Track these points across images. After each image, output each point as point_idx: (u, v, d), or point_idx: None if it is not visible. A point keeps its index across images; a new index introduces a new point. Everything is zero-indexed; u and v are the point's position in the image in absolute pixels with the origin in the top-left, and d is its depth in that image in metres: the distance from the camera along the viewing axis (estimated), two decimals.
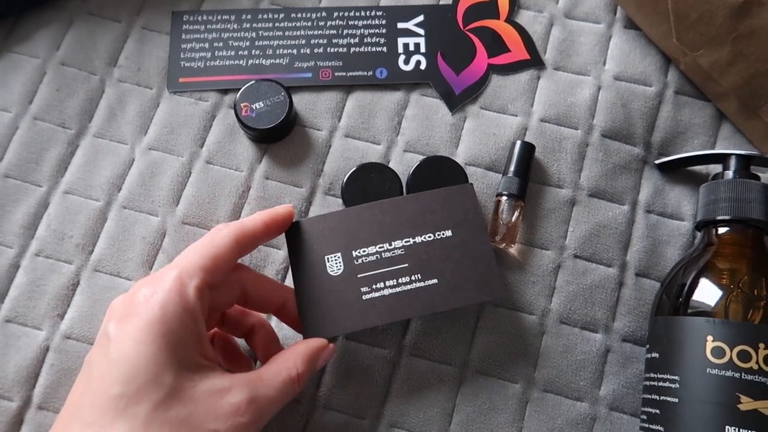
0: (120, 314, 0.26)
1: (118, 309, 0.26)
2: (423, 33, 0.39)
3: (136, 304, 0.25)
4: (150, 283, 0.26)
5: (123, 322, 0.25)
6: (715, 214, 0.32)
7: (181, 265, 0.27)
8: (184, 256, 0.27)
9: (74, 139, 0.37)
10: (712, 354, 0.28)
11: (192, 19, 0.39)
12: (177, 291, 0.25)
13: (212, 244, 0.28)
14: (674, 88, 0.38)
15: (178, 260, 0.27)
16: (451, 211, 0.33)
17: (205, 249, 0.27)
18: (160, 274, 0.27)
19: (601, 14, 0.39)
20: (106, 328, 0.26)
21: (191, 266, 0.27)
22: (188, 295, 0.26)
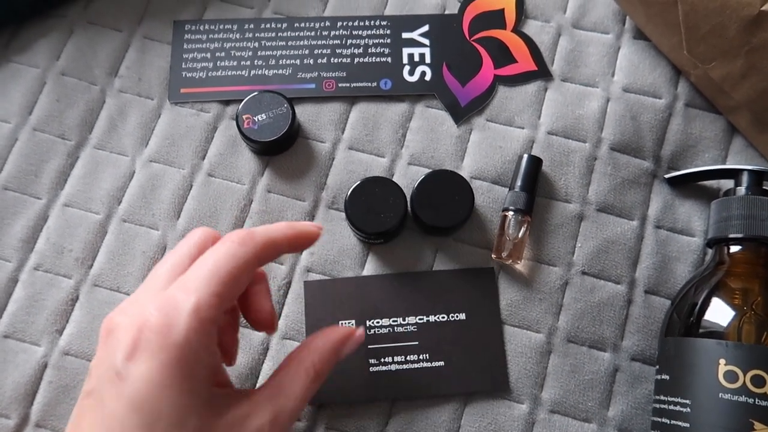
0: (130, 347, 0.23)
1: (125, 339, 0.23)
2: (428, 43, 0.38)
3: (148, 338, 0.22)
4: (162, 310, 0.23)
5: (137, 360, 0.22)
6: (727, 231, 0.31)
7: (199, 292, 0.23)
8: (198, 275, 0.24)
9: (74, 151, 0.36)
10: (724, 378, 0.27)
11: (194, 28, 0.39)
12: (196, 328, 0.23)
13: (232, 260, 0.24)
14: (684, 101, 0.37)
15: (193, 280, 0.24)
16: (469, 292, 0.34)
17: (223, 267, 0.24)
18: (172, 297, 0.23)
19: (609, 24, 0.39)
20: (114, 362, 0.23)
21: (209, 294, 0.23)
22: (207, 331, 0.23)
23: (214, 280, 0.24)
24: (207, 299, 0.23)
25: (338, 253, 0.35)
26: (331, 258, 0.35)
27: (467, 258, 0.35)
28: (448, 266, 0.35)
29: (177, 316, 0.23)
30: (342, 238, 0.35)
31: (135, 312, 0.24)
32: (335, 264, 0.35)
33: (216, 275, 0.24)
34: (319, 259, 0.35)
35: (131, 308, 0.25)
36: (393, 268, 0.35)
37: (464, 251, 0.35)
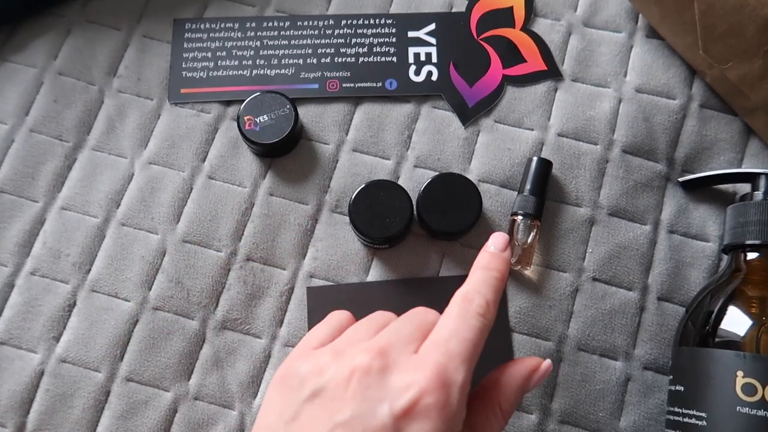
0: (408, 407, 0.23)
1: (404, 397, 0.23)
2: (435, 42, 0.37)
3: (428, 403, 0.23)
4: (440, 379, 0.23)
5: (414, 421, 0.23)
6: (743, 238, 0.30)
7: (465, 364, 0.24)
8: (459, 345, 0.24)
9: (72, 153, 0.36)
10: (742, 391, 0.26)
11: (194, 27, 0.38)
12: (461, 401, 0.24)
13: (480, 334, 0.25)
14: (699, 102, 0.36)
15: (455, 349, 0.24)
16: None
17: (476, 341, 0.25)
18: (444, 367, 0.23)
19: (622, 23, 0.38)
20: (384, 414, 0.22)
21: (469, 368, 0.24)
22: (464, 404, 0.24)
23: (472, 353, 0.24)
24: (469, 375, 0.24)
25: (342, 258, 0.34)
26: (334, 263, 0.34)
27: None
28: (455, 272, 0.34)
29: (452, 387, 0.23)
30: (346, 243, 0.34)
31: (410, 367, 0.24)
32: (339, 269, 0.34)
33: (473, 348, 0.24)
34: (322, 264, 0.34)
35: (396, 358, 0.24)
36: (398, 273, 0.34)
37: (472, 256, 0.34)
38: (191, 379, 0.32)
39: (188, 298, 0.33)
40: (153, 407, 0.32)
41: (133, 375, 0.32)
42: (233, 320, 0.33)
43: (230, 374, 0.32)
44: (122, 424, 0.31)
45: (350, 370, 0.24)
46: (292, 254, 0.34)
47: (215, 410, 0.32)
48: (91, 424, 0.31)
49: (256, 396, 0.32)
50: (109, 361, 0.32)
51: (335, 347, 0.25)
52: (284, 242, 0.34)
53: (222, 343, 0.33)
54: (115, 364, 0.32)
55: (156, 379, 0.32)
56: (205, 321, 0.33)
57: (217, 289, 0.33)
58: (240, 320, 0.33)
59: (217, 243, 0.34)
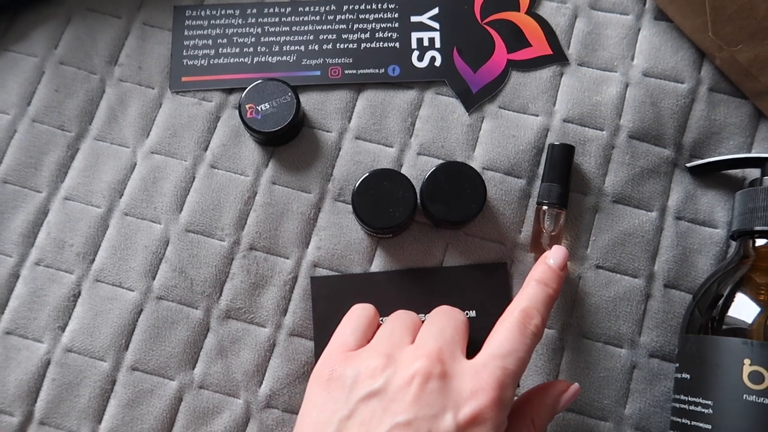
0: (473, 415, 0.24)
1: (469, 405, 0.24)
2: (438, 27, 0.37)
3: (490, 412, 0.24)
4: (499, 389, 0.25)
5: (476, 429, 0.24)
6: (752, 224, 0.30)
7: (515, 376, 0.26)
8: (513, 357, 0.26)
9: (74, 143, 0.35)
10: (749, 379, 0.26)
11: (194, 14, 0.37)
12: (508, 410, 0.25)
13: (528, 350, 0.26)
14: (708, 85, 0.35)
15: (510, 358, 0.25)
16: (481, 289, 0.32)
17: (526, 357, 0.26)
18: (501, 378, 0.25)
19: (629, 5, 0.37)
20: (447, 420, 0.24)
21: (516, 380, 0.26)
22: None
23: (521, 372, 0.26)
24: (515, 390, 0.26)
25: (345, 248, 0.34)
26: (338, 252, 0.34)
27: (479, 252, 0.33)
28: (459, 261, 0.33)
29: (505, 407, 0.25)
30: (350, 232, 0.34)
31: (469, 376, 0.25)
32: (342, 259, 0.34)
33: (523, 368, 0.26)
34: (326, 254, 0.34)
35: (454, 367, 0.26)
36: (402, 262, 0.33)
37: (476, 245, 0.34)
38: (196, 368, 0.32)
39: (192, 288, 0.33)
40: (158, 396, 0.32)
41: (138, 364, 0.32)
42: (237, 309, 0.33)
43: (235, 363, 0.32)
44: (128, 412, 0.32)
45: (411, 374, 0.25)
46: (295, 243, 0.34)
47: (220, 399, 0.32)
48: (98, 413, 0.32)
49: (261, 384, 0.32)
50: (114, 350, 0.32)
51: (380, 350, 0.26)
52: (287, 231, 0.34)
53: (226, 332, 0.33)
54: (121, 354, 0.32)
55: (161, 368, 0.32)
56: (209, 310, 0.33)
57: (221, 279, 0.33)
58: (244, 309, 0.33)
59: (220, 232, 0.34)
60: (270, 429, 0.32)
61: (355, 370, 0.26)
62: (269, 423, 0.32)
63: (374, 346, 0.27)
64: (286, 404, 0.32)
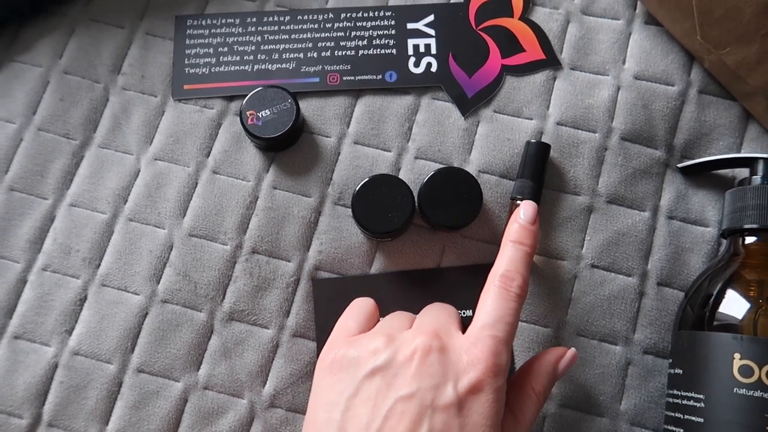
0: (474, 384, 0.25)
1: (470, 374, 0.25)
2: (434, 33, 0.38)
3: (489, 378, 0.25)
4: (494, 357, 0.26)
5: (479, 395, 0.25)
6: (742, 222, 0.31)
7: (508, 344, 0.27)
8: (503, 322, 0.27)
9: (79, 150, 0.36)
10: (739, 372, 0.27)
11: (196, 23, 0.38)
12: (506, 376, 0.26)
13: (516, 314, 0.27)
14: (698, 87, 0.36)
15: (499, 326, 0.26)
16: (477, 289, 0.33)
17: (514, 322, 0.27)
18: (494, 346, 0.26)
19: (620, 10, 0.38)
20: (450, 390, 0.25)
21: (510, 346, 0.27)
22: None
23: (512, 337, 0.27)
24: (510, 355, 0.27)
25: (346, 251, 0.34)
26: (338, 255, 0.34)
27: (475, 254, 0.34)
28: (456, 262, 0.34)
29: (501, 373, 0.26)
30: (350, 236, 0.35)
31: (466, 348, 0.26)
32: (343, 261, 0.34)
33: (513, 332, 0.27)
34: (326, 256, 0.34)
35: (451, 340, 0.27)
36: (401, 264, 0.34)
37: (472, 247, 0.34)
38: (200, 369, 0.33)
39: (196, 291, 0.34)
40: (164, 397, 0.33)
41: (144, 366, 0.33)
42: (240, 311, 0.34)
43: (239, 364, 0.33)
44: (135, 413, 0.32)
45: (412, 349, 0.26)
46: (296, 246, 0.34)
47: (225, 399, 0.33)
48: (105, 415, 0.32)
49: (265, 385, 0.33)
50: (120, 353, 0.33)
51: (381, 332, 0.27)
52: (289, 235, 0.35)
53: (230, 334, 0.33)
54: (127, 356, 0.33)
55: (166, 369, 0.33)
56: (213, 313, 0.34)
57: (224, 282, 0.34)
58: (247, 311, 0.34)
59: (222, 236, 0.35)
60: (274, 428, 0.32)
61: (357, 351, 0.27)
62: (273, 422, 0.32)
63: (375, 330, 0.28)
64: (289, 403, 0.33)
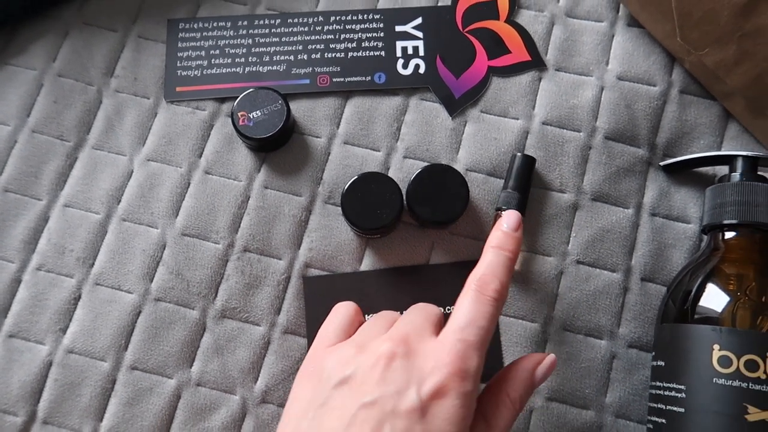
0: (437, 388, 0.25)
1: (432, 378, 0.25)
2: (421, 36, 0.38)
3: (454, 383, 0.25)
4: (461, 361, 0.25)
5: (442, 401, 0.25)
6: (721, 218, 0.31)
7: (481, 349, 0.26)
8: (474, 327, 0.26)
9: (73, 152, 0.37)
10: (718, 363, 0.28)
11: (188, 26, 0.39)
12: (477, 381, 0.26)
13: (492, 320, 0.27)
14: (679, 88, 0.37)
15: (470, 330, 0.26)
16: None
17: (490, 327, 0.26)
18: (463, 350, 0.25)
19: (603, 12, 0.39)
20: (412, 395, 0.25)
21: (483, 352, 0.26)
22: (478, 384, 0.26)
23: (486, 341, 0.26)
24: (483, 362, 0.26)
25: (336, 248, 0.35)
26: (329, 252, 0.35)
27: (463, 250, 0.35)
28: (445, 259, 0.35)
29: (468, 377, 0.25)
30: (339, 233, 0.35)
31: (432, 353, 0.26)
32: (333, 258, 0.35)
33: (487, 336, 0.26)
34: (317, 254, 0.35)
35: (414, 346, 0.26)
36: (390, 261, 0.35)
37: (460, 244, 0.35)
38: (193, 366, 0.34)
39: (188, 289, 0.34)
40: (157, 394, 0.33)
41: (138, 363, 0.33)
42: (232, 309, 0.34)
43: (231, 361, 0.34)
44: (128, 410, 0.33)
45: (376, 357, 0.26)
46: (287, 245, 0.35)
47: (217, 395, 0.33)
48: (99, 411, 0.33)
49: (256, 381, 0.33)
50: (114, 350, 0.34)
51: (355, 341, 0.28)
52: (279, 233, 0.35)
53: (222, 331, 0.34)
54: (120, 354, 0.34)
55: (159, 367, 0.33)
56: (205, 310, 0.34)
57: (216, 280, 0.35)
58: (239, 309, 0.34)
59: (214, 235, 0.35)
60: (266, 423, 0.33)
61: (331, 361, 0.27)
62: (265, 418, 0.33)
63: (351, 340, 0.28)
64: (281, 399, 0.33)
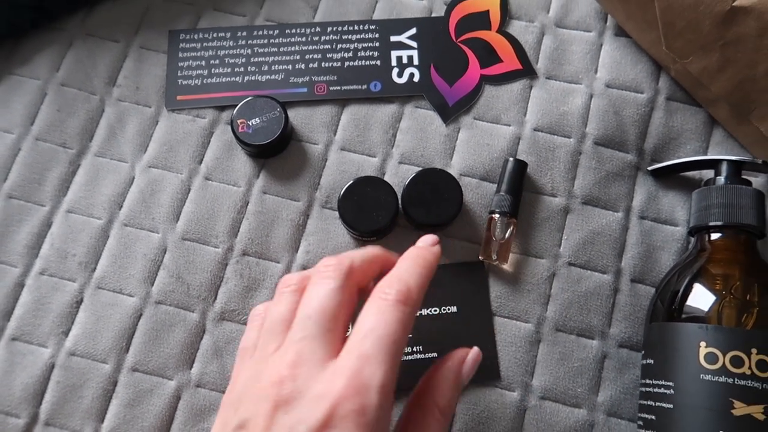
0: (322, 422, 0.21)
1: (314, 412, 0.22)
2: (416, 46, 0.40)
3: (342, 415, 0.21)
4: (354, 387, 0.22)
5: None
6: (707, 220, 0.32)
7: (383, 366, 0.22)
8: (374, 343, 0.23)
9: (75, 159, 0.38)
10: (705, 360, 0.28)
11: (188, 37, 0.40)
12: (383, 404, 0.22)
13: (401, 326, 0.23)
14: (666, 95, 0.38)
15: (371, 348, 0.23)
16: (460, 287, 0.34)
17: (395, 334, 0.23)
18: (359, 372, 0.22)
19: (591, 22, 0.40)
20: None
21: (390, 367, 0.23)
22: (389, 405, 0.23)
23: (391, 349, 0.23)
24: (390, 373, 0.23)
25: (333, 251, 0.36)
26: (325, 255, 0.36)
27: (458, 253, 0.36)
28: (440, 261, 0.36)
29: (368, 393, 0.22)
30: (336, 237, 0.36)
31: (325, 378, 0.23)
32: None
33: (392, 344, 0.23)
34: (314, 257, 0.36)
35: (300, 371, 0.23)
36: None
37: (455, 246, 0.36)
38: (193, 367, 0.34)
39: (188, 292, 0.35)
40: (158, 395, 0.34)
41: (139, 365, 0.34)
42: (231, 311, 0.35)
43: (230, 362, 0.34)
44: (129, 411, 0.33)
45: (263, 401, 0.23)
46: (285, 248, 0.36)
47: (216, 396, 0.34)
48: (100, 413, 0.33)
49: None
50: (115, 353, 0.34)
51: (253, 366, 0.25)
52: (278, 237, 0.36)
53: (221, 334, 0.35)
54: (121, 356, 0.34)
55: (160, 368, 0.34)
56: (205, 313, 0.35)
57: (216, 283, 0.35)
58: (238, 311, 0.35)
59: (214, 240, 0.36)
60: None
61: (230, 396, 0.25)
62: None
63: (252, 361, 0.26)
64: None
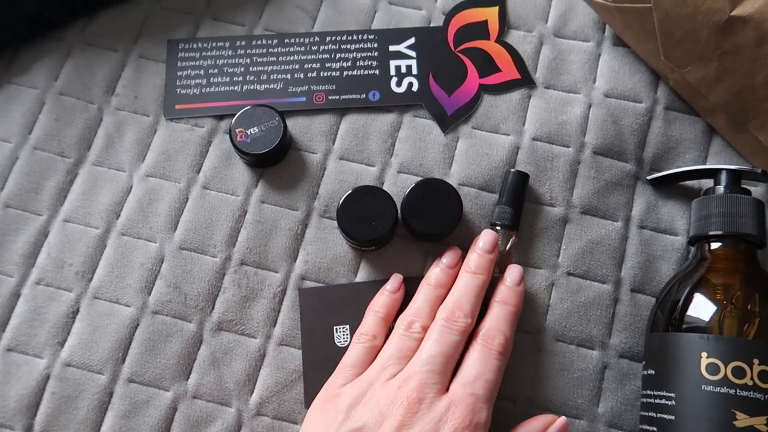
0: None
1: (454, 425, 0.27)
2: (414, 55, 0.40)
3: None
4: (473, 416, 0.28)
5: None
6: (707, 229, 0.32)
7: (488, 404, 0.29)
8: (484, 384, 0.29)
9: (73, 168, 0.38)
10: (706, 370, 0.28)
11: (187, 46, 0.40)
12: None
13: (498, 372, 0.30)
14: (664, 104, 0.38)
15: (480, 388, 0.29)
16: None
17: (497, 380, 0.30)
18: (474, 405, 0.28)
19: (590, 32, 0.40)
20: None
21: (488, 414, 0.29)
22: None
23: (494, 394, 0.29)
24: (490, 413, 0.29)
25: (331, 261, 0.36)
26: (324, 265, 0.36)
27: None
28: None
29: (480, 420, 0.28)
30: (335, 246, 0.36)
31: (443, 406, 0.28)
32: (329, 271, 0.35)
33: (495, 389, 0.30)
34: (312, 267, 0.36)
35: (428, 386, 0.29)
36: (385, 273, 0.35)
37: None
38: (190, 378, 0.34)
39: (186, 302, 0.35)
40: (154, 406, 0.33)
41: (135, 376, 0.34)
42: (229, 321, 0.35)
43: (227, 373, 0.34)
44: (125, 423, 0.33)
45: (386, 414, 0.28)
46: (283, 258, 0.36)
47: (213, 408, 0.33)
48: (96, 424, 0.33)
49: (252, 393, 0.34)
50: (111, 363, 0.34)
51: (367, 381, 0.30)
52: (276, 247, 0.36)
53: (218, 344, 0.34)
54: (118, 367, 0.34)
55: (156, 379, 0.34)
56: (202, 323, 0.35)
57: (213, 293, 0.35)
58: (235, 321, 0.35)
59: (212, 249, 0.36)
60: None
61: (344, 404, 0.29)
62: (260, 430, 0.33)
63: (363, 378, 0.30)
64: (275, 412, 0.33)
